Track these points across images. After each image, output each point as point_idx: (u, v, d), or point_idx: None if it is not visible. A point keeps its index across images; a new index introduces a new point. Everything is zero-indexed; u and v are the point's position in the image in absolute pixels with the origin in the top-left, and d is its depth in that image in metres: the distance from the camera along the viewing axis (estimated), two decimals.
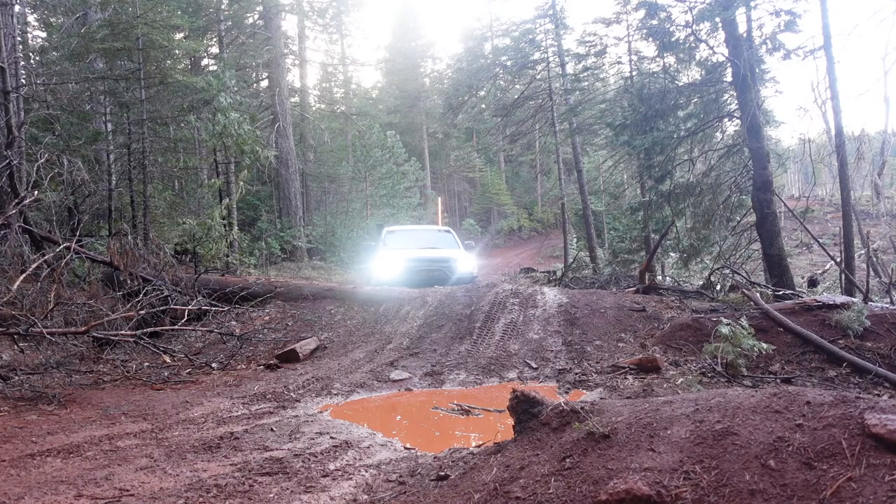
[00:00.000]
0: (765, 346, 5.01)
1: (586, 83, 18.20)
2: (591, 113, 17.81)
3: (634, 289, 9.28)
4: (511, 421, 2.85)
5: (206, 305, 7.52)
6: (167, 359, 6.48)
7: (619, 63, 17.19)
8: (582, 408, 2.60)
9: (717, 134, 10.70)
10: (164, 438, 3.84)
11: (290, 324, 7.91)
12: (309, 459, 3.34)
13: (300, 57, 24.96)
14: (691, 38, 9.35)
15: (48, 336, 5.33)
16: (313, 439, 3.77)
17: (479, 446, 3.19)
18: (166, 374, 6.07)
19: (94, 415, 4.48)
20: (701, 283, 10.15)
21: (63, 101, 11.98)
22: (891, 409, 1.91)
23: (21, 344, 5.90)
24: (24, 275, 5.84)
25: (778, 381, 4.80)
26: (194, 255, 12.39)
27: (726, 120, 9.91)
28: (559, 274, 14.32)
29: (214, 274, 9.95)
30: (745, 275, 9.44)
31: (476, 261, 10.89)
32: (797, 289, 8.72)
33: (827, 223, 25.63)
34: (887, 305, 6.66)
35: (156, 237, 11.04)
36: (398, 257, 10.13)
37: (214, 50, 19.87)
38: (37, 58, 15.04)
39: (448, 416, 4.37)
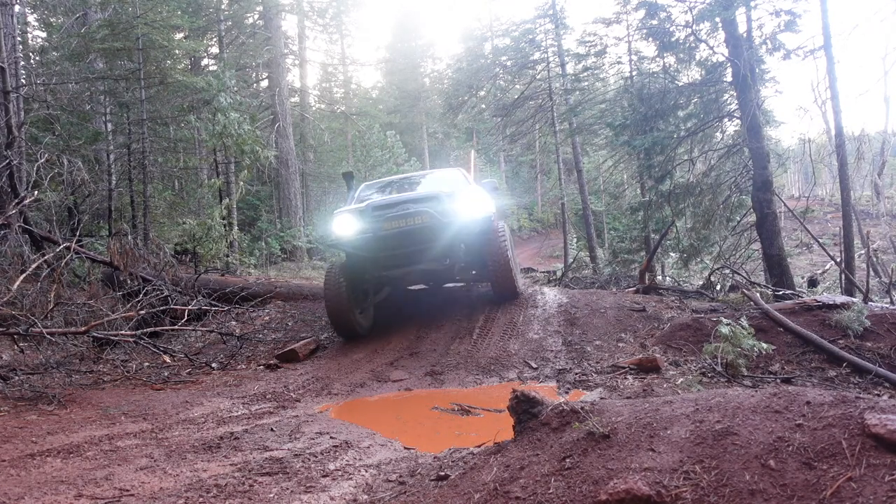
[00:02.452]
0: (765, 346, 5.00)
1: (586, 83, 18.21)
2: (591, 113, 17.82)
3: (634, 289, 9.28)
4: (511, 421, 2.85)
5: (206, 305, 7.53)
6: (167, 359, 6.48)
7: (619, 63, 17.21)
8: (582, 408, 2.60)
9: (717, 134, 10.71)
10: (164, 438, 3.84)
11: (290, 324, 7.91)
12: (309, 459, 3.34)
13: (300, 57, 24.97)
14: (691, 38, 9.35)
15: (48, 336, 5.33)
16: (313, 439, 3.77)
17: (479, 446, 3.19)
18: (166, 374, 6.07)
19: (94, 415, 4.48)
20: (701, 283, 10.15)
21: (63, 101, 11.99)
22: (891, 409, 1.91)
23: (21, 344, 5.90)
24: (24, 275, 5.84)
25: (778, 381, 4.80)
26: (194, 255, 12.39)
27: (726, 120, 9.91)
28: (559, 274, 14.32)
29: (214, 274, 9.95)
30: (745, 275, 9.44)
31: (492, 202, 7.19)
32: (797, 289, 8.73)
33: (827, 223, 25.63)
34: (887, 305, 6.66)
35: (156, 237, 11.05)
36: (363, 206, 6.65)
37: (214, 50, 19.87)
38: (37, 58, 15.04)
39: (448, 416, 4.37)
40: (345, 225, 6.52)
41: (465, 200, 6.54)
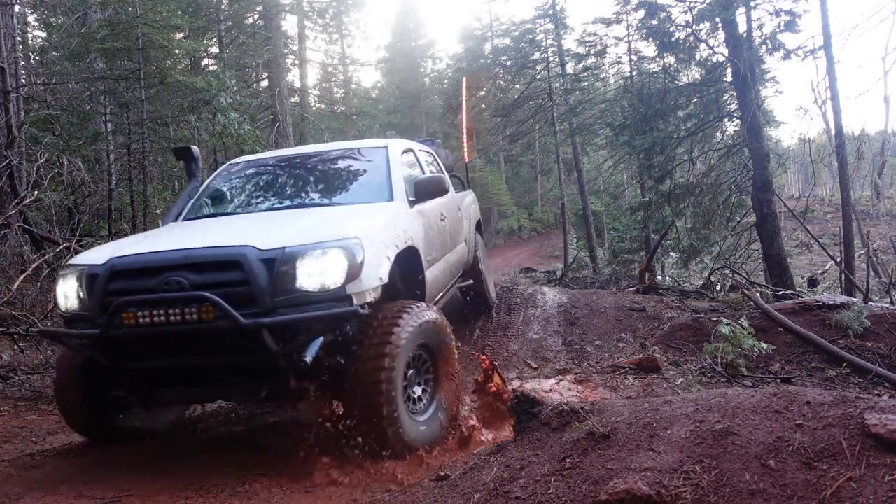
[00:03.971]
0: (765, 346, 5.01)
1: (586, 83, 18.24)
2: (591, 113, 17.83)
3: (634, 289, 9.28)
4: (511, 421, 2.85)
5: None
6: None
7: (619, 63, 17.24)
8: (582, 408, 2.60)
9: (717, 134, 10.73)
10: (165, 438, 3.84)
11: None
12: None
13: (300, 57, 24.96)
14: (691, 38, 9.36)
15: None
16: None
17: None
18: None
19: None
20: (701, 283, 10.15)
21: (63, 101, 11.98)
22: (891, 409, 1.92)
23: (21, 344, 5.90)
24: (24, 275, 5.85)
25: (778, 381, 4.80)
26: None
27: (726, 120, 9.93)
28: (559, 274, 14.32)
29: None
30: (745, 275, 9.44)
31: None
32: (797, 289, 8.73)
33: (827, 223, 25.61)
34: (887, 305, 6.66)
35: None
36: (100, 265, 3.09)
37: (214, 50, 19.85)
38: (37, 58, 15.04)
39: None
40: (67, 299, 3.24)
41: (315, 263, 2.97)
